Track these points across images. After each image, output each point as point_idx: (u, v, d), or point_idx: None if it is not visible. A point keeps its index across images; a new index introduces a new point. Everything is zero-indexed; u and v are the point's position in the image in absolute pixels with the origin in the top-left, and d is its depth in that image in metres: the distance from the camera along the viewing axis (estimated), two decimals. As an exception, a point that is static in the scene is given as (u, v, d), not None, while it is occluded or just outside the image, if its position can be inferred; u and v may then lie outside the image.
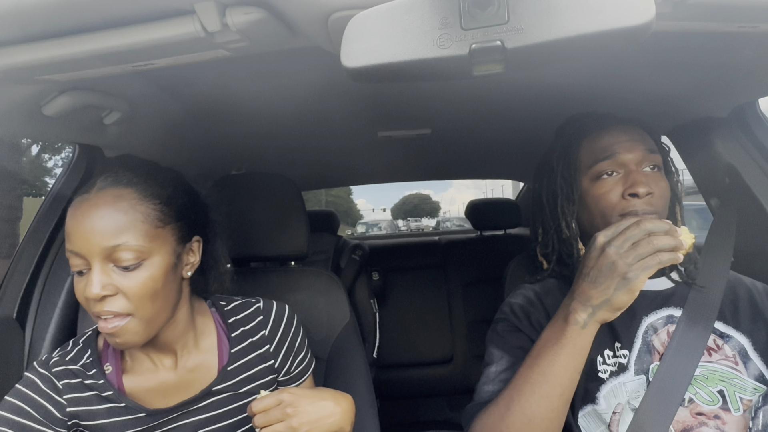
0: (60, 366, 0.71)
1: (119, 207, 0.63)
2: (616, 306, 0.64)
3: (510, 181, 3.89)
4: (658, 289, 0.81)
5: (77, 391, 0.69)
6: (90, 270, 0.62)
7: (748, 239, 1.07)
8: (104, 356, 0.73)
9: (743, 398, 0.70)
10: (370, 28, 0.47)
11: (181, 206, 0.71)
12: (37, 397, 0.68)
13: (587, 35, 0.44)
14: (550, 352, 0.67)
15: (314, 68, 0.87)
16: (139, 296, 0.63)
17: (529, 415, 0.66)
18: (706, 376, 0.72)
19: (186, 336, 0.75)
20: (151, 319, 0.65)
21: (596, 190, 0.80)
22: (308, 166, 1.86)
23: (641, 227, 0.63)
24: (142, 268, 0.64)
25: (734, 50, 0.79)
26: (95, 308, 0.63)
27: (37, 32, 0.57)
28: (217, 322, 0.79)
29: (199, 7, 0.53)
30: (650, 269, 0.62)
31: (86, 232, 0.62)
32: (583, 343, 0.67)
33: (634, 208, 0.75)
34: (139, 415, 0.71)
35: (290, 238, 1.15)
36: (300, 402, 0.65)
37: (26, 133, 0.87)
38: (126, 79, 0.80)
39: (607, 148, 0.80)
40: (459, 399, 2.30)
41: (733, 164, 1.08)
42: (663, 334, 0.76)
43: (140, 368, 0.74)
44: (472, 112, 1.24)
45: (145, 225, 0.64)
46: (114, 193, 0.64)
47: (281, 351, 0.80)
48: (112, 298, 0.62)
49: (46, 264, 1.03)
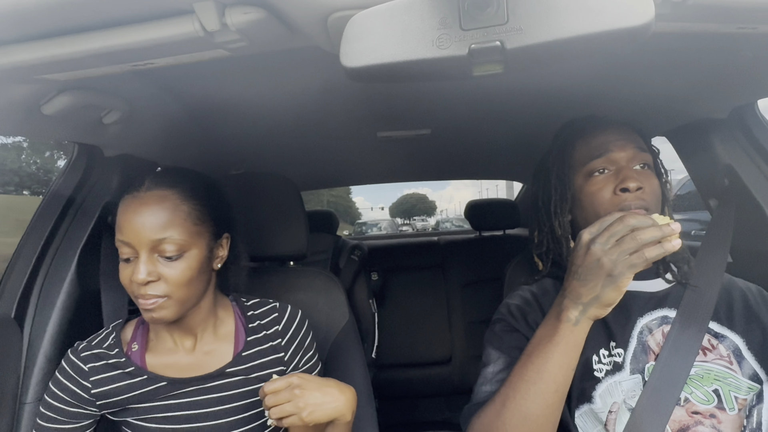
0: (86, 351, 0.81)
1: (165, 206, 0.74)
2: (605, 303, 0.64)
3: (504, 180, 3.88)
4: (652, 291, 0.82)
5: (102, 372, 0.79)
6: (137, 258, 0.73)
7: (747, 240, 1.07)
8: (133, 337, 0.84)
9: (738, 397, 0.71)
10: (370, 28, 0.47)
11: (214, 206, 0.81)
12: (67, 382, 0.79)
13: (587, 36, 0.44)
14: (544, 350, 0.68)
15: (314, 68, 0.87)
16: (177, 283, 0.74)
17: (525, 412, 0.67)
18: (702, 375, 0.72)
19: (207, 322, 0.84)
20: (184, 301, 0.76)
21: (589, 188, 0.82)
22: (307, 166, 1.86)
23: (625, 222, 0.63)
24: (182, 259, 0.74)
25: (733, 51, 0.79)
26: (139, 291, 0.73)
27: (36, 31, 0.57)
28: (237, 314, 0.88)
29: (198, 7, 0.53)
30: (636, 267, 0.62)
31: (137, 226, 0.72)
32: (576, 339, 0.67)
33: (626, 202, 0.77)
34: (161, 384, 0.79)
35: (289, 238, 1.15)
36: (307, 385, 0.70)
37: (25, 132, 0.87)
38: (125, 78, 0.80)
39: (600, 146, 0.82)
40: (458, 399, 2.30)
41: (732, 165, 1.09)
42: (658, 334, 0.76)
43: (163, 347, 0.83)
44: (471, 112, 1.24)
45: (186, 222, 0.75)
46: (160, 194, 0.75)
47: (291, 346, 0.87)
48: (155, 283, 0.73)
49: (44, 263, 1.03)
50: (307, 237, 1.17)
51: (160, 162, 1.32)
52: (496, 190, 21.95)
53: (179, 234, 0.73)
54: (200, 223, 0.77)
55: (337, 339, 1.08)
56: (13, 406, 0.94)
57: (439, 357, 2.29)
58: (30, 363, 0.97)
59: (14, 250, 1.05)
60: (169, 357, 0.82)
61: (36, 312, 1.00)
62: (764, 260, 1.04)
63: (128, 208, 0.74)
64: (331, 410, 0.70)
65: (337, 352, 1.04)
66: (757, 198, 1.04)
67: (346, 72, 0.48)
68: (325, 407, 0.70)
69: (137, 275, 0.72)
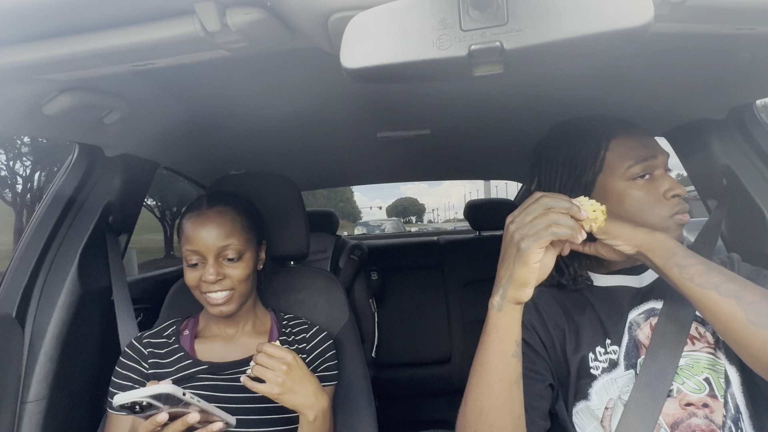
0: (147, 339, 0.96)
1: (226, 219, 0.90)
2: (518, 282, 0.63)
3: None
4: (638, 286, 0.82)
5: (158, 357, 0.93)
6: (205, 263, 0.88)
7: (746, 240, 1.07)
8: (185, 326, 0.99)
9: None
10: (370, 28, 0.47)
11: (256, 219, 0.99)
12: (128, 362, 0.93)
13: (586, 36, 0.44)
14: (481, 342, 0.69)
15: (314, 69, 0.87)
16: (239, 279, 0.90)
17: (480, 406, 0.68)
18: (692, 365, 0.73)
19: (248, 317, 0.99)
20: (243, 295, 0.92)
21: (636, 191, 0.79)
22: (308, 166, 1.86)
23: (540, 202, 0.64)
24: (241, 261, 0.91)
25: (732, 52, 0.79)
26: (208, 288, 0.88)
27: (37, 31, 0.57)
28: (273, 320, 1.03)
29: (199, 8, 0.53)
30: (543, 239, 0.61)
31: (205, 236, 0.88)
32: (505, 325, 0.66)
33: (679, 206, 0.77)
34: (203, 366, 0.92)
35: (290, 237, 1.15)
36: (295, 370, 0.80)
37: (26, 132, 0.88)
38: (126, 78, 0.80)
39: (643, 150, 0.80)
40: (457, 398, 2.28)
41: (731, 166, 1.09)
42: (646, 327, 0.77)
43: (209, 334, 0.98)
44: (471, 112, 1.25)
45: (242, 232, 0.92)
46: (220, 210, 0.91)
47: (314, 352, 0.98)
48: (221, 282, 0.88)
49: (45, 263, 1.03)
50: (307, 237, 1.18)
51: (160, 162, 1.32)
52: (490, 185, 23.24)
53: (239, 241, 0.90)
54: (250, 232, 0.94)
55: (337, 338, 1.08)
56: (14, 405, 0.95)
57: (438, 356, 2.29)
58: (31, 362, 0.97)
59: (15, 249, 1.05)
60: (213, 343, 0.96)
61: (37, 311, 1.00)
62: (763, 260, 1.04)
63: (195, 223, 0.89)
64: (297, 402, 0.80)
65: (337, 351, 1.04)
66: (755, 198, 1.05)
67: (347, 73, 0.48)
68: (296, 396, 0.80)
69: (208, 276, 0.87)
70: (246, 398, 0.88)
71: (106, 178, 1.13)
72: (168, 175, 1.61)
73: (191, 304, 1.03)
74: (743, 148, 1.09)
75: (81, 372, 1.09)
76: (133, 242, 1.30)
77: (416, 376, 2.29)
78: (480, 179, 2.68)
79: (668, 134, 1.25)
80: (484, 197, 3.92)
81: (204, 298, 0.90)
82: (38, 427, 0.96)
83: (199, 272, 0.88)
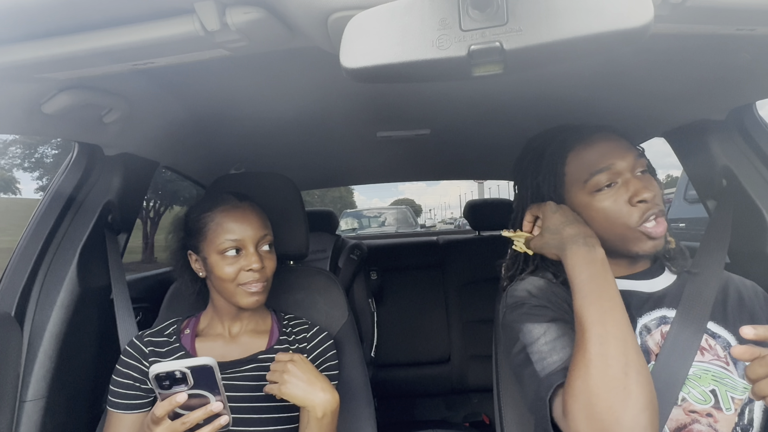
0: (148, 337, 0.95)
1: (259, 211, 0.95)
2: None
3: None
4: (650, 291, 0.81)
5: (159, 356, 0.92)
6: (246, 252, 0.90)
7: (745, 241, 1.07)
8: (186, 325, 0.99)
9: (734, 398, 0.71)
10: (370, 28, 0.47)
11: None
12: (129, 360, 0.92)
13: (586, 37, 0.44)
14: (602, 289, 0.69)
15: (314, 68, 0.87)
16: (272, 269, 0.94)
17: (624, 349, 0.63)
18: (699, 375, 0.72)
19: (251, 315, 1.00)
20: (270, 287, 0.95)
21: (599, 203, 0.78)
22: (307, 166, 1.86)
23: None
24: (273, 252, 0.96)
25: (732, 53, 0.79)
26: (248, 278, 0.90)
27: (37, 30, 0.57)
28: (274, 319, 1.03)
29: (198, 7, 0.53)
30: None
31: (245, 226, 0.91)
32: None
33: (649, 212, 0.75)
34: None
35: (289, 237, 1.15)
36: (300, 366, 0.81)
37: (26, 131, 0.87)
38: (126, 77, 0.80)
39: (600, 159, 0.79)
40: (456, 398, 2.31)
41: (730, 166, 1.09)
42: (657, 334, 0.76)
43: (212, 332, 0.98)
44: (471, 112, 1.25)
45: (268, 224, 0.97)
46: (250, 204, 0.96)
47: (314, 352, 0.98)
48: (261, 271, 0.91)
49: (45, 261, 1.03)
50: (307, 237, 1.18)
51: (160, 161, 1.32)
52: (472, 193, 22.99)
53: (270, 232, 0.96)
54: (270, 225, 0.98)
55: (336, 338, 1.09)
56: (13, 404, 0.95)
57: (437, 356, 2.29)
58: (30, 361, 0.97)
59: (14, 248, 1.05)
60: (214, 342, 0.97)
61: (36, 310, 1.00)
62: (762, 261, 1.04)
63: (234, 215, 0.91)
64: (304, 397, 0.79)
65: (336, 351, 1.04)
66: (754, 199, 1.05)
67: (346, 72, 0.48)
68: (302, 392, 0.79)
69: (254, 264, 0.89)
70: (246, 397, 0.88)
71: (105, 177, 1.13)
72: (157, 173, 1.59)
73: (190, 303, 1.03)
74: (743, 148, 1.09)
75: (80, 371, 1.09)
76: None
77: (415, 376, 2.29)
78: (480, 179, 2.68)
79: (668, 135, 1.25)
80: (478, 197, 3.93)
81: (241, 289, 0.90)
82: (37, 426, 0.96)
83: (239, 263, 0.90)
